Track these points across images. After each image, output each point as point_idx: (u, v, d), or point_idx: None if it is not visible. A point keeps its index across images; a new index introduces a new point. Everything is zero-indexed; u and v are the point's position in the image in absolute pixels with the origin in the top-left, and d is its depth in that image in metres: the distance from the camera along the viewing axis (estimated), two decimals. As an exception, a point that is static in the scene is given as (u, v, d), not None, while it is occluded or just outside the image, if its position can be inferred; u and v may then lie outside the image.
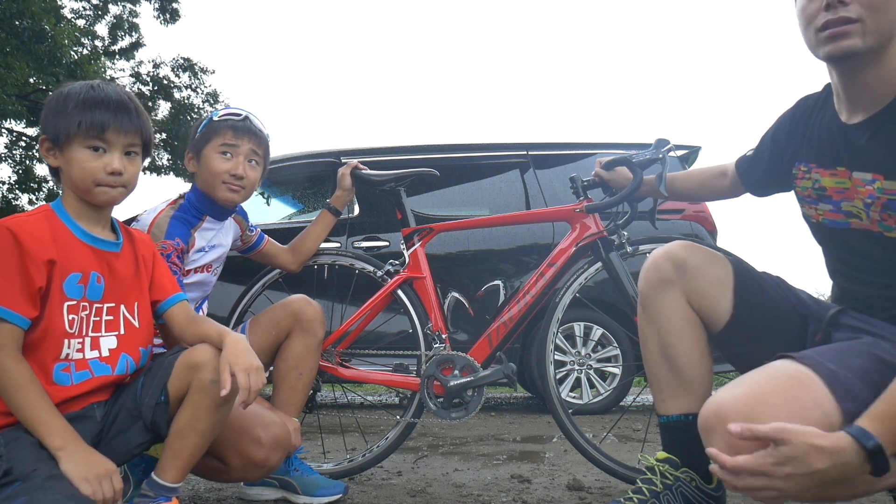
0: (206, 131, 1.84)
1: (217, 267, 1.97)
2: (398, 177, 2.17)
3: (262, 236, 2.14)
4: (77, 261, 1.32)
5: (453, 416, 2.02)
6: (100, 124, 1.30)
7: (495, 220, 2.60)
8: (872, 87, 1.19)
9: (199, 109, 13.53)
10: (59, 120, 1.31)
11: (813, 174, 1.33)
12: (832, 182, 1.28)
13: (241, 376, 1.29)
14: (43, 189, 12.85)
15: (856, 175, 1.22)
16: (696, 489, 1.44)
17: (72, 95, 1.32)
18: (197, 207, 1.85)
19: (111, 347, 1.38)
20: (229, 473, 1.58)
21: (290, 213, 5.18)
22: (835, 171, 1.27)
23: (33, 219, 1.29)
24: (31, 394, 1.23)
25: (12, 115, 10.67)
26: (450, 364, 2.05)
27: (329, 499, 1.87)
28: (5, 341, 1.22)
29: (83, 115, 1.29)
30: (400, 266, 2.19)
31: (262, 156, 1.88)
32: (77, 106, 1.30)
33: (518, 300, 2.08)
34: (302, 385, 1.92)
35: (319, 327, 1.94)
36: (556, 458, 2.59)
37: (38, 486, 1.15)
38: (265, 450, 1.56)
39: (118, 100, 1.34)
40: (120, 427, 1.38)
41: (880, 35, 1.14)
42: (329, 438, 2.88)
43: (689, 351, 1.44)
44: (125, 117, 1.33)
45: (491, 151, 4.43)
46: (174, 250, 1.71)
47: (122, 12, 12.92)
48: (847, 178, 1.24)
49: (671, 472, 1.45)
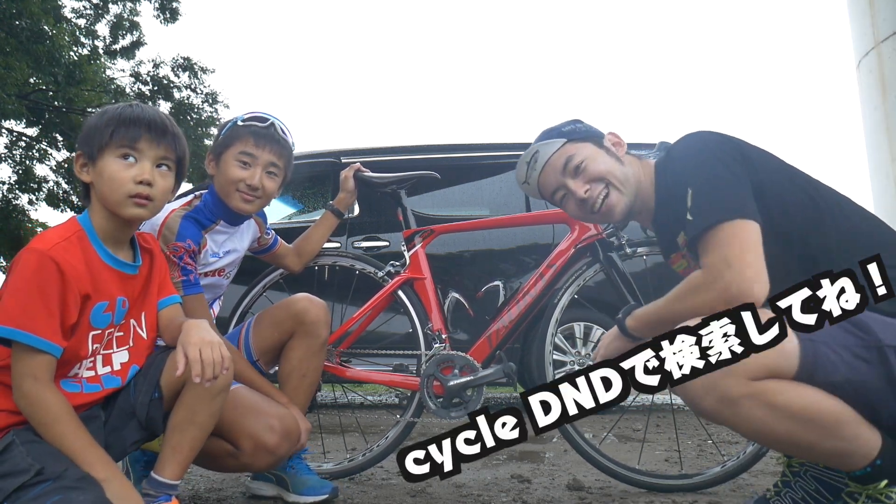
0: (229, 135, 1.82)
1: (230, 271, 1.97)
2: (400, 179, 2.17)
3: (276, 239, 2.13)
4: (105, 289, 1.33)
5: (453, 416, 2.02)
6: (132, 134, 1.32)
7: (496, 222, 2.60)
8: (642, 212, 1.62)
9: (199, 109, 13.52)
10: (94, 134, 1.33)
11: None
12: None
13: (191, 350, 1.29)
14: (43, 189, 12.82)
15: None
16: (825, 467, 1.48)
17: (109, 111, 1.36)
18: (212, 210, 1.84)
19: (123, 361, 1.41)
20: (238, 458, 1.59)
21: (290, 213, 5.18)
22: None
23: (71, 247, 1.29)
24: (69, 426, 1.25)
25: (12, 115, 10.65)
26: (449, 364, 2.05)
27: (313, 499, 1.85)
28: (43, 373, 1.23)
29: (117, 126, 1.32)
30: (400, 267, 2.19)
31: (283, 167, 1.85)
32: (112, 119, 1.33)
33: (517, 301, 2.09)
34: (305, 386, 1.91)
35: (323, 328, 1.92)
36: (556, 458, 2.59)
37: (71, 485, 1.17)
38: (277, 436, 1.59)
39: (153, 115, 1.36)
40: (114, 425, 1.39)
41: (628, 186, 1.55)
42: (329, 438, 2.88)
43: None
44: (158, 130, 1.35)
45: (491, 151, 4.43)
46: (185, 251, 1.72)
47: (122, 11, 12.91)
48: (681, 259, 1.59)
49: (796, 461, 1.51)
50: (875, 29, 5.66)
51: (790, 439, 1.23)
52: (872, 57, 5.70)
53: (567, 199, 1.62)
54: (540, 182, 1.64)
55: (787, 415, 1.19)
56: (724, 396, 1.19)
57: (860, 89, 6.04)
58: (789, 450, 1.32)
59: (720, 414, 1.22)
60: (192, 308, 1.71)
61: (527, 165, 1.65)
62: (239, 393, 1.56)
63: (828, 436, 1.21)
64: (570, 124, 1.66)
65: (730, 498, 1.92)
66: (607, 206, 1.55)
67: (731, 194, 1.33)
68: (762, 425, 1.21)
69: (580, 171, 1.57)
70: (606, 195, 1.54)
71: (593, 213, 1.57)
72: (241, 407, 1.56)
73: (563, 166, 1.59)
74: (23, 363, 1.23)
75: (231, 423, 1.51)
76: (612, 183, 1.54)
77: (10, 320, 1.21)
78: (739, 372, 1.17)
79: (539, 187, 1.66)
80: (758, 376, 1.19)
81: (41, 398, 1.23)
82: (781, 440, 1.25)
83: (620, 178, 1.55)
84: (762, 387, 1.19)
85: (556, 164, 1.60)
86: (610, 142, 1.62)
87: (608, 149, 1.60)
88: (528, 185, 1.67)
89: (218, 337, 1.34)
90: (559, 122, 1.68)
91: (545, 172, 1.63)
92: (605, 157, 1.58)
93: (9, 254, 12.46)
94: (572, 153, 1.58)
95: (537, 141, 1.66)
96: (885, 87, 5.59)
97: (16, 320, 1.21)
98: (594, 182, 1.55)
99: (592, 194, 1.55)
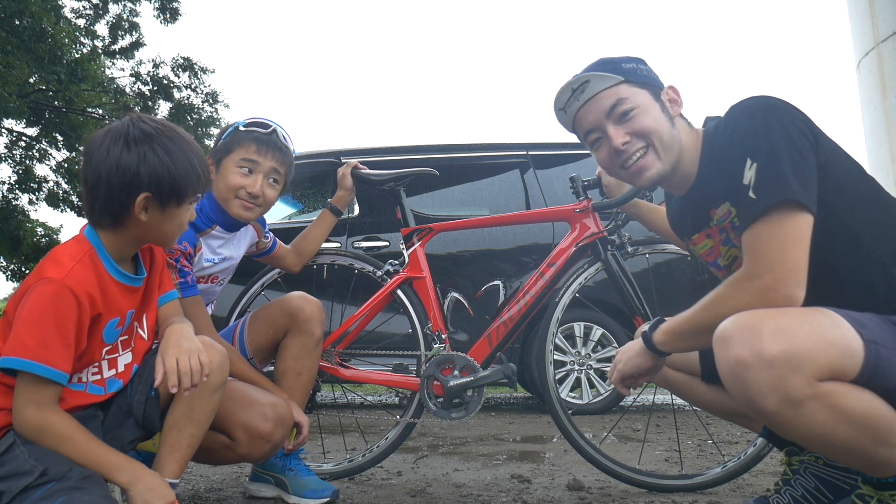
0: (231, 141, 1.80)
1: (224, 278, 1.96)
2: (398, 176, 2.17)
3: (275, 241, 2.13)
4: (116, 306, 1.34)
5: (453, 417, 2.02)
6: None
7: (495, 220, 2.60)
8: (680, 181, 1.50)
9: (199, 109, 13.53)
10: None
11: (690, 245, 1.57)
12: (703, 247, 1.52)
13: (168, 360, 1.29)
14: (43, 189, 12.83)
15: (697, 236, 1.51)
16: (825, 465, 1.47)
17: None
18: (208, 215, 1.84)
19: (126, 363, 1.42)
20: (235, 450, 1.60)
21: (290, 213, 5.18)
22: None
23: (85, 270, 1.28)
24: (81, 442, 1.25)
25: (13, 114, 10.65)
26: (449, 364, 2.05)
27: (314, 501, 1.84)
28: (49, 400, 1.24)
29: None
30: (399, 266, 2.19)
31: (284, 174, 1.84)
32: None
33: (518, 300, 2.08)
34: (301, 385, 1.91)
35: (317, 326, 1.92)
36: (556, 458, 2.59)
37: (75, 485, 1.18)
38: (271, 424, 1.60)
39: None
40: (112, 424, 1.40)
41: (670, 154, 1.42)
42: (328, 438, 2.88)
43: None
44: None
45: (491, 151, 4.43)
46: (181, 254, 1.72)
47: (122, 11, 12.91)
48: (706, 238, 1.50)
49: (796, 459, 1.51)
50: (875, 29, 5.67)
51: (846, 444, 1.17)
52: (872, 57, 5.70)
53: (600, 145, 1.47)
54: (578, 115, 1.48)
55: (848, 419, 1.14)
56: (789, 397, 1.12)
57: (860, 89, 6.05)
58: (839, 455, 1.25)
59: (781, 415, 1.14)
60: (190, 310, 1.71)
61: (571, 92, 1.47)
62: (230, 385, 1.56)
63: (881, 442, 1.16)
64: (632, 62, 1.47)
65: (730, 498, 1.91)
66: (638, 167, 1.42)
67: (801, 178, 1.20)
68: (822, 428, 1.15)
69: (626, 118, 1.41)
70: (643, 155, 1.41)
71: (622, 168, 1.44)
72: (233, 399, 1.56)
73: (609, 107, 1.42)
74: (30, 392, 1.22)
75: (224, 416, 1.52)
76: (654, 144, 1.41)
77: (28, 353, 1.20)
78: (807, 370, 1.11)
79: (575, 120, 1.50)
80: (822, 376, 1.13)
81: (46, 423, 1.23)
82: (837, 445, 1.18)
83: (666, 140, 1.41)
84: (827, 388, 1.13)
85: (604, 102, 1.43)
86: (667, 96, 1.46)
87: (663, 103, 1.44)
88: (565, 113, 1.50)
89: (197, 343, 1.33)
90: (623, 56, 1.48)
91: (588, 106, 1.46)
92: (657, 112, 1.42)
93: (9, 254, 12.46)
94: (625, 96, 1.42)
95: (590, 69, 1.47)
96: (885, 87, 5.59)
97: (33, 352, 1.20)
98: (636, 136, 1.41)
99: (630, 148, 1.41)
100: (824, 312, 1.17)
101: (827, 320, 1.16)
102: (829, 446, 1.19)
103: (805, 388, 1.11)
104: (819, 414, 1.13)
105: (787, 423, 1.15)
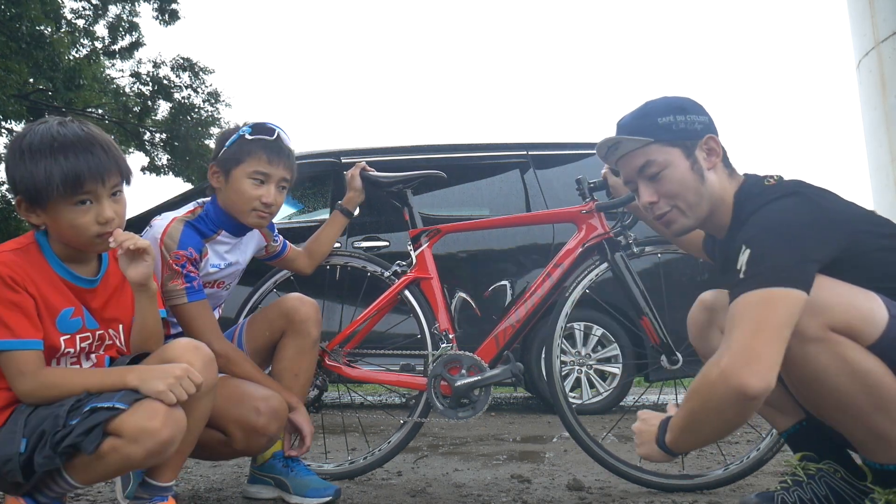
0: (238, 150, 1.79)
1: (230, 283, 1.96)
2: (406, 178, 2.16)
3: (285, 244, 2.12)
4: (64, 297, 1.35)
5: (460, 416, 2.02)
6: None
7: (503, 221, 2.58)
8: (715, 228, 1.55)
9: (199, 109, 13.53)
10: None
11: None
12: None
13: (167, 398, 1.26)
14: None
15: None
16: (842, 480, 1.47)
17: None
18: (214, 220, 1.83)
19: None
20: (232, 446, 1.62)
21: (290, 213, 5.18)
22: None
23: (16, 258, 1.31)
24: (80, 375, 1.30)
25: (12, 116, 10.66)
26: (457, 364, 2.05)
27: (318, 500, 1.83)
28: (33, 366, 1.26)
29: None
30: (407, 267, 2.19)
31: (291, 179, 1.86)
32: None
33: (525, 300, 2.08)
34: (298, 385, 1.90)
35: (313, 327, 1.91)
36: (556, 458, 2.59)
37: (95, 399, 1.23)
38: (264, 417, 1.62)
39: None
40: None
41: (697, 210, 1.48)
42: (330, 438, 2.88)
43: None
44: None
45: (491, 151, 4.43)
46: (187, 259, 1.72)
47: (121, 12, 12.91)
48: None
49: (813, 466, 1.51)
50: (875, 29, 5.66)
51: (843, 397, 1.22)
52: (872, 57, 5.70)
53: (637, 194, 1.56)
54: (618, 165, 1.57)
55: (851, 370, 1.20)
56: (799, 333, 1.18)
57: (860, 89, 6.04)
58: (835, 411, 1.27)
59: (789, 348, 1.18)
60: (197, 314, 1.72)
61: (607, 149, 1.55)
62: (223, 382, 1.55)
63: (879, 408, 1.21)
64: (670, 113, 1.48)
65: (730, 498, 1.91)
66: (665, 221, 1.52)
67: (789, 265, 1.22)
68: (823, 372, 1.21)
69: (654, 179, 1.48)
70: (669, 211, 1.49)
71: (654, 218, 1.54)
72: (225, 396, 1.56)
73: (639, 167, 1.50)
74: (11, 366, 1.26)
75: (218, 413, 1.52)
76: (679, 206, 1.48)
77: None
78: (823, 317, 1.18)
79: (618, 169, 1.60)
80: (837, 329, 1.20)
81: (39, 383, 1.26)
82: (834, 394, 1.23)
83: (692, 200, 1.47)
84: (837, 338, 1.20)
85: (634, 162, 1.50)
86: (704, 148, 1.48)
87: (695, 160, 1.47)
88: (607, 160, 1.60)
89: (175, 369, 1.28)
90: (663, 104, 1.51)
91: (622, 162, 1.54)
92: (685, 173, 1.46)
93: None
94: (653, 158, 1.47)
95: (623, 129, 1.53)
96: (885, 87, 5.59)
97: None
98: (663, 197, 1.49)
99: (655, 207, 1.50)
100: (865, 290, 1.24)
101: (862, 293, 1.24)
102: (826, 393, 1.25)
103: (817, 331, 1.20)
104: (824, 356, 1.21)
105: (793, 357, 1.21)
